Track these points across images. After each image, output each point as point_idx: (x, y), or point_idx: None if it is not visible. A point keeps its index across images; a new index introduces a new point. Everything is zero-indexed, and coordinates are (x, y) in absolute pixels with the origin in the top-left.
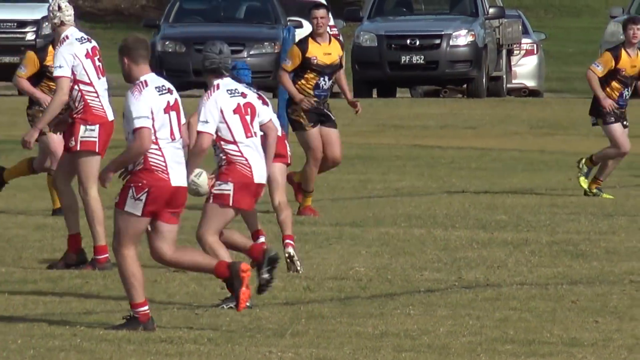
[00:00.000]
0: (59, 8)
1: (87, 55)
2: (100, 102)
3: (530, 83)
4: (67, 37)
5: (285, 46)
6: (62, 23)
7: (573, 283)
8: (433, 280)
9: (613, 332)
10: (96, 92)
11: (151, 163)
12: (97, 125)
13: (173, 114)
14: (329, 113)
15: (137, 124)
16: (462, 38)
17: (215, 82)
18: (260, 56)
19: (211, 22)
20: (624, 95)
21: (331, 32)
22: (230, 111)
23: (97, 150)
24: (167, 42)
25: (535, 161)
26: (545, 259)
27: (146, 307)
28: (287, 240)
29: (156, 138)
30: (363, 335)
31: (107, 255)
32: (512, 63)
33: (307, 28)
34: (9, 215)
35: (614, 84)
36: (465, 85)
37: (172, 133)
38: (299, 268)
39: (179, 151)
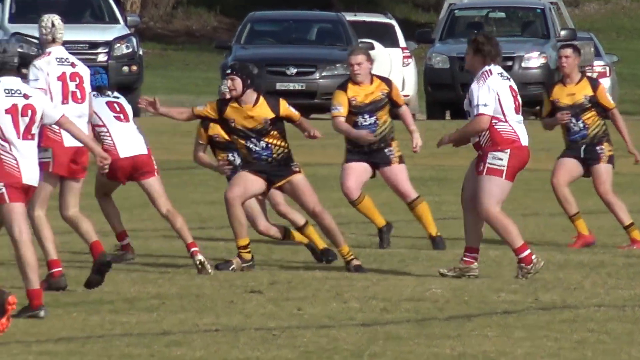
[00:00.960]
0: (53, 25)
1: (59, 78)
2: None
3: None
4: (49, 53)
5: None
6: (54, 40)
7: None
8: (510, 302)
9: None
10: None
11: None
12: (51, 149)
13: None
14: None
15: None
16: (534, 60)
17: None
18: (332, 78)
19: (283, 43)
20: None
21: (403, 54)
22: (2, 110)
23: (49, 170)
24: None
25: None
26: (622, 281)
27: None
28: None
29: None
30: (440, 357)
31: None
32: None
33: (378, 49)
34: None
35: None
36: (537, 107)
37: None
38: (209, 271)
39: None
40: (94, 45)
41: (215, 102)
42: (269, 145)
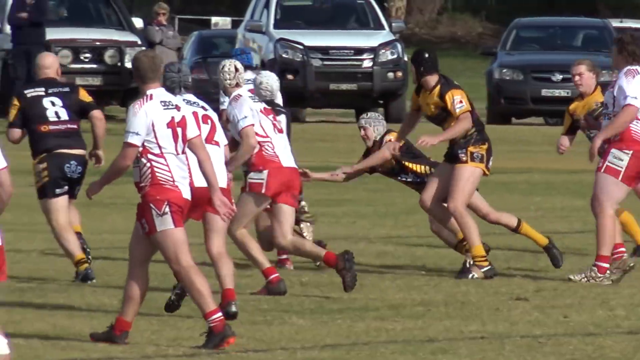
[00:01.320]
0: (237, 70)
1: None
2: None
3: None
4: (239, 95)
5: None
6: (237, 85)
7: None
8: None
9: None
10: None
11: (159, 177)
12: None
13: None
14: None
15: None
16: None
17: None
18: None
19: (548, 50)
20: None
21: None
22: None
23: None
24: (504, 70)
25: None
26: None
27: (219, 314)
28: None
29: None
30: None
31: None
32: None
33: None
34: (349, 242)
35: None
36: None
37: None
38: None
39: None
40: (359, 51)
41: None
42: None
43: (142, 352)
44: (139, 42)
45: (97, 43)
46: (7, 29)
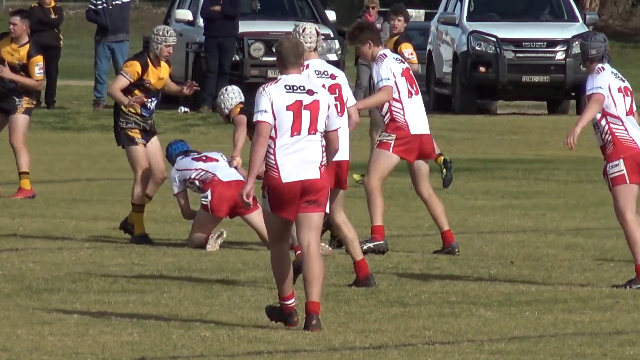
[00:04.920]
0: (317, 33)
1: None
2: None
3: None
4: (307, 66)
5: None
6: (315, 49)
7: None
8: None
9: None
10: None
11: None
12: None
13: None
14: None
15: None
16: None
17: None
18: None
19: None
20: None
21: None
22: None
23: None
24: None
25: None
26: None
27: (292, 301)
28: None
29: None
30: None
31: None
32: None
33: None
34: (539, 234)
35: None
36: None
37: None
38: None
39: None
40: (552, 43)
41: None
42: None
43: (328, 345)
44: (332, 35)
45: None
46: (200, 22)
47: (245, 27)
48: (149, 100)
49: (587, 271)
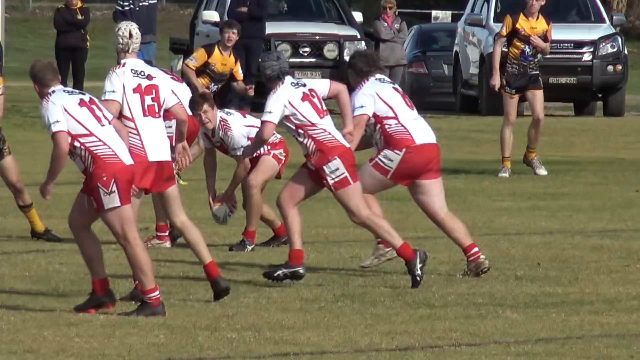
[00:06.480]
0: (130, 35)
1: (135, 90)
2: (140, 140)
3: None
4: (123, 64)
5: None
6: (129, 50)
7: None
8: None
9: None
10: (136, 130)
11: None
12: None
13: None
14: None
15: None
16: None
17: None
18: None
19: None
20: None
21: None
22: None
23: None
24: None
25: None
26: None
27: (157, 293)
28: None
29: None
30: None
31: None
32: None
33: None
34: (565, 236)
35: None
36: None
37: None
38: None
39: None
40: (579, 44)
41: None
42: None
43: (355, 346)
44: (359, 36)
45: (317, 37)
46: None
47: (272, 28)
48: None
49: (613, 273)
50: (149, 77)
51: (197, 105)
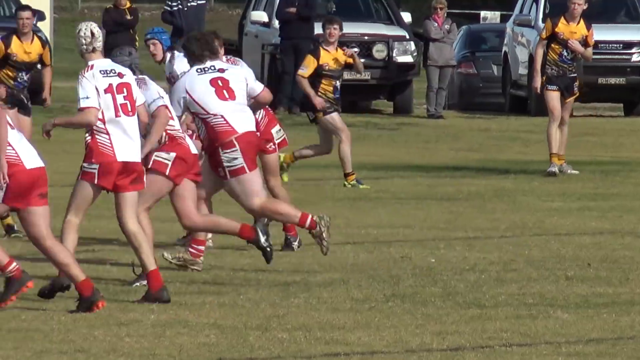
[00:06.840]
0: (92, 35)
1: (107, 90)
2: (109, 140)
3: None
4: (91, 67)
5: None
6: (94, 50)
7: None
8: None
9: None
10: (105, 130)
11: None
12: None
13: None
14: None
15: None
16: None
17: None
18: None
19: None
20: None
21: None
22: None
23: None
24: None
25: None
26: None
27: (15, 264)
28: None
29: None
30: None
31: None
32: None
33: None
34: (616, 236)
35: None
36: None
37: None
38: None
39: None
40: (628, 45)
41: None
42: None
43: (406, 346)
44: (407, 37)
45: (366, 37)
46: (276, 23)
47: (320, 28)
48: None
49: None
50: (120, 75)
51: None
